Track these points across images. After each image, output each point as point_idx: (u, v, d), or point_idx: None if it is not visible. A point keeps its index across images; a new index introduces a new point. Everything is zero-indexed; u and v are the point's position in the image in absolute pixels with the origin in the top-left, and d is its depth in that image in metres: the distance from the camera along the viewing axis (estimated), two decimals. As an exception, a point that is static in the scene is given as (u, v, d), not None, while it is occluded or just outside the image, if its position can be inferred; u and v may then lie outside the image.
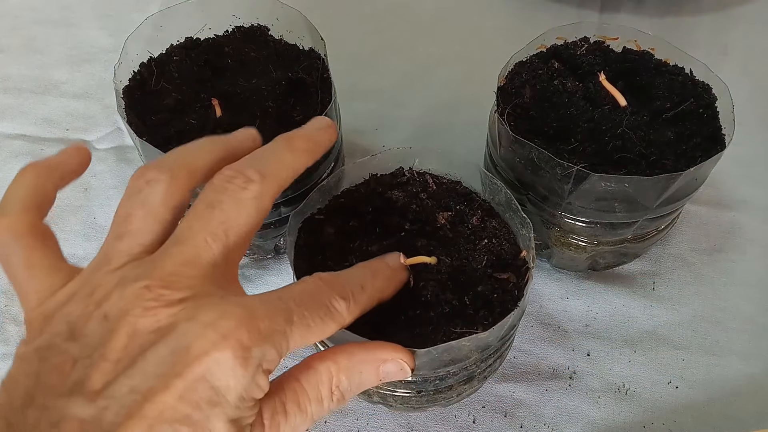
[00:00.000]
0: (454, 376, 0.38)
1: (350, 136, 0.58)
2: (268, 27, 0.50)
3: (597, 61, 0.47)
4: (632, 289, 0.50)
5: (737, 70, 0.64)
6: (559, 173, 0.41)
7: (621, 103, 0.44)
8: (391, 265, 0.36)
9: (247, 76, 0.47)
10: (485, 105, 0.49)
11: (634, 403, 0.45)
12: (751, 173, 0.56)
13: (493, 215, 0.42)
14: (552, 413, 0.44)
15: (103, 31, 0.69)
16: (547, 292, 0.50)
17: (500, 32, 0.68)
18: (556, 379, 0.46)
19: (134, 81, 0.47)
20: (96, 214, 0.55)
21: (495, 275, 0.39)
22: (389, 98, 0.63)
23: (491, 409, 0.45)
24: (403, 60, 0.66)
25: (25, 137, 0.60)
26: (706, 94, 0.46)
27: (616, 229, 0.45)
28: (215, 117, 0.44)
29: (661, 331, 0.48)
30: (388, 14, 0.71)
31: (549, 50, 0.49)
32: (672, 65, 0.48)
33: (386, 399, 0.41)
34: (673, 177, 0.40)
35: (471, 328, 0.36)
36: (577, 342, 0.48)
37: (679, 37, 0.67)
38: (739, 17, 0.69)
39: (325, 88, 0.46)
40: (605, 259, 0.49)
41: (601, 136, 0.43)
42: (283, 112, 0.45)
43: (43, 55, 0.67)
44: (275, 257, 0.52)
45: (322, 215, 0.42)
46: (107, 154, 0.59)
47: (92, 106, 0.62)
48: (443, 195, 0.43)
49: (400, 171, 0.44)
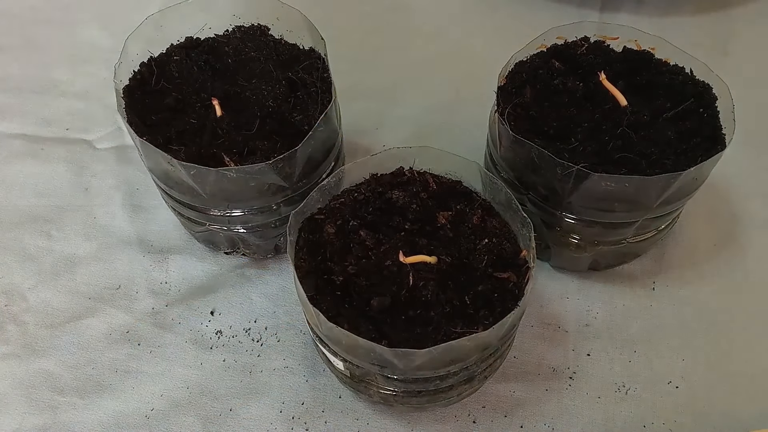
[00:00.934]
0: (454, 376, 0.38)
1: (350, 135, 0.58)
2: (268, 27, 0.50)
3: (597, 61, 0.47)
4: (632, 288, 0.50)
5: (737, 69, 0.63)
6: (560, 173, 0.41)
7: (621, 103, 0.44)
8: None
9: (247, 76, 0.47)
10: (485, 104, 0.49)
11: (634, 403, 0.45)
12: (751, 173, 0.56)
13: (493, 215, 0.42)
14: (552, 413, 0.44)
15: (104, 31, 0.69)
16: (548, 292, 0.50)
17: (500, 32, 0.68)
18: (557, 379, 0.46)
19: (134, 80, 0.47)
20: (96, 214, 0.55)
21: (495, 275, 0.39)
22: (389, 98, 0.63)
23: (491, 409, 0.45)
24: (404, 59, 0.66)
25: (25, 137, 0.60)
26: (706, 93, 0.46)
27: (616, 229, 0.45)
28: (215, 116, 0.44)
29: (662, 331, 0.48)
30: (388, 13, 0.71)
31: (549, 50, 0.48)
32: (672, 65, 0.48)
33: (387, 399, 0.41)
34: (673, 177, 0.40)
35: (471, 327, 0.36)
36: (578, 342, 0.48)
37: (680, 36, 0.66)
38: (740, 17, 0.69)
39: (326, 87, 0.46)
40: (605, 258, 0.49)
41: (602, 136, 0.43)
42: (283, 112, 0.45)
43: (44, 55, 0.67)
44: (275, 257, 0.52)
45: (323, 215, 0.42)
46: (107, 153, 0.59)
47: (92, 105, 0.62)
48: (444, 194, 0.43)
49: (400, 171, 0.44)
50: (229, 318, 0.49)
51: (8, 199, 0.56)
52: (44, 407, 0.45)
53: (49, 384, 0.46)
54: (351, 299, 0.38)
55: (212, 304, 0.50)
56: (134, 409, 0.45)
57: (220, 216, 0.46)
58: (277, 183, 0.43)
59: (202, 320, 0.49)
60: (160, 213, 0.54)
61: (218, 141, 0.43)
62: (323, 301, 0.37)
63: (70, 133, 0.60)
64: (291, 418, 0.44)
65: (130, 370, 0.47)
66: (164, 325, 0.49)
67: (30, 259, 0.52)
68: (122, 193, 0.56)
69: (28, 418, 0.45)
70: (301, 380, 0.46)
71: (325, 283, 0.38)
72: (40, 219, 0.54)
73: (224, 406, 0.45)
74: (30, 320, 0.49)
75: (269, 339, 0.48)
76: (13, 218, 0.54)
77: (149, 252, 0.52)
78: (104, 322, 0.49)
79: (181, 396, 0.45)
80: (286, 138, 0.43)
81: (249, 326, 0.49)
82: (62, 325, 0.49)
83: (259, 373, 0.46)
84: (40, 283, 0.51)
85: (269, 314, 0.49)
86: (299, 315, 0.49)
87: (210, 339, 0.48)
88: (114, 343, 0.48)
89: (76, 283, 0.51)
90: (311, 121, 0.44)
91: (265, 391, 0.46)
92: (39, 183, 0.57)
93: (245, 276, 0.51)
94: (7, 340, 0.48)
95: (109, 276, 0.51)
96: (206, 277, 0.51)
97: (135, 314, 0.49)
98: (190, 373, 0.46)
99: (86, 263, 0.52)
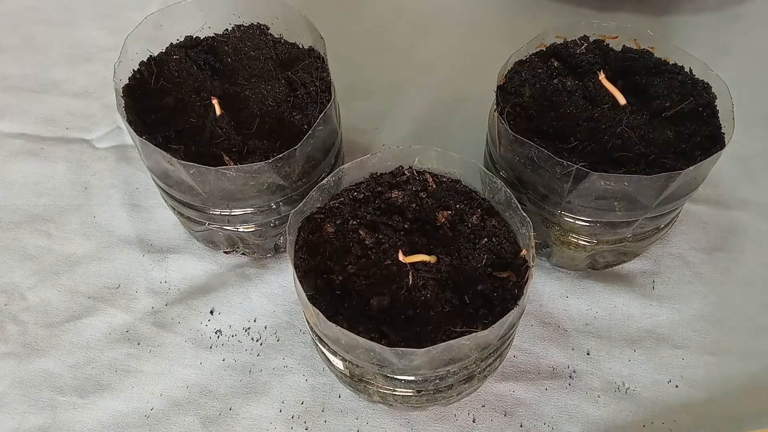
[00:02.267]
0: (454, 375, 0.38)
1: (350, 134, 0.58)
2: (267, 26, 0.50)
3: (596, 60, 0.47)
4: (632, 288, 0.50)
5: (737, 68, 0.64)
6: (559, 172, 0.41)
7: (620, 102, 0.44)
8: None
9: (247, 75, 0.47)
10: (485, 104, 0.49)
11: (634, 403, 0.45)
12: (750, 172, 0.56)
13: (492, 214, 0.42)
14: (552, 412, 0.44)
15: (103, 30, 0.69)
16: (547, 291, 0.50)
17: (500, 31, 0.68)
18: (556, 379, 0.46)
19: (134, 80, 0.47)
20: (95, 213, 0.55)
21: (495, 274, 0.39)
22: (389, 97, 0.63)
23: (491, 408, 0.45)
24: (403, 58, 0.66)
25: (25, 136, 0.60)
26: (705, 92, 0.46)
27: (615, 228, 0.45)
28: (215, 116, 0.44)
29: (661, 330, 0.48)
30: (387, 13, 0.71)
31: (548, 49, 0.49)
32: (672, 64, 0.48)
33: (386, 398, 0.41)
34: (672, 176, 0.40)
35: (471, 326, 0.36)
36: (577, 341, 0.48)
37: (679, 35, 0.67)
38: (739, 16, 0.69)
39: (325, 86, 0.46)
40: (605, 258, 0.49)
41: (601, 135, 0.43)
42: (282, 111, 0.45)
43: (43, 55, 0.67)
44: (275, 256, 0.52)
45: (322, 214, 0.42)
46: (107, 153, 0.59)
47: (92, 105, 0.62)
48: (443, 194, 0.43)
49: (399, 170, 0.44)
50: (228, 317, 0.49)
51: (8, 199, 0.56)
52: (44, 407, 0.45)
53: (48, 383, 0.46)
54: (350, 298, 0.38)
55: (212, 303, 0.50)
56: (134, 408, 0.45)
57: (219, 215, 0.46)
58: (277, 182, 0.43)
59: (201, 320, 0.49)
60: (160, 212, 0.54)
61: (218, 140, 0.43)
62: (323, 300, 0.37)
63: (70, 132, 0.60)
64: (290, 418, 0.44)
65: (129, 369, 0.47)
66: (164, 324, 0.49)
67: (29, 259, 0.52)
68: (122, 193, 0.56)
69: (27, 418, 0.45)
70: (301, 380, 0.46)
71: (324, 283, 0.38)
72: (39, 218, 0.54)
73: (224, 406, 0.45)
74: (29, 319, 0.49)
75: (269, 338, 0.48)
76: (12, 217, 0.54)
77: (149, 251, 0.52)
78: (104, 322, 0.49)
79: (180, 395, 0.45)
80: (285, 137, 0.43)
81: (248, 325, 0.49)
82: (62, 325, 0.49)
83: (259, 373, 0.46)
84: (39, 283, 0.51)
85: (269, 313, 0.49)
86: (299, 314, 0.49)
87: (209, 338, 0.48)
88: (113, 342, 0.48)
89: (75, 282, 0.51)
90: (311, 120, 0.44)
91: (265, 391, 0.46)
92: (39, 182, 0.57)
93: (245, 275, 0.51)
94: (7, 339, 0.48)
95: (108, 275, 0.51)
96: (206, 276, 0.51)
97: (134, 313, 0.49)
98: (189, 372, 0.46)
99: (86, 262, 0.52)
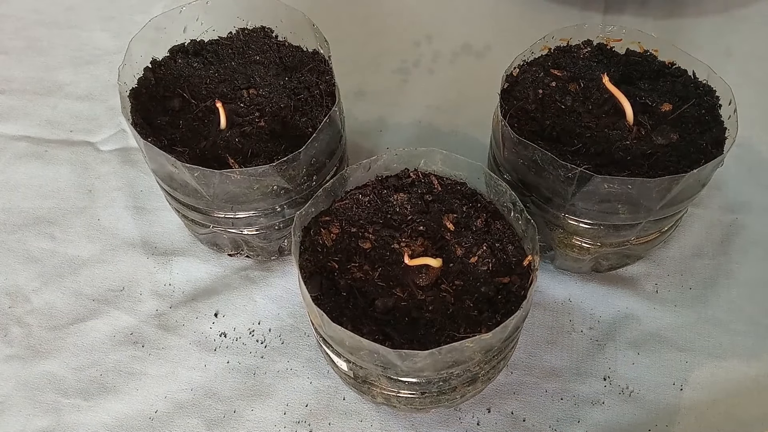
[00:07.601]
0: (457, 378, 0.38)
1: (354, 137, 0.58)
2: (271, 29, 0.50)
3: (600, 63, 0.47)
4: (635, 291, 0.50)
5: (741, 72, 0.63)
6: (563, 175, 0.41)
7: (624, 105, 0.44)
8: None
9: (251, 78, 0.47)
10: (489, 106, 0.49)
11: (638, 405, 0.45)
12: (754, 175, 0.56)
13: (497, 217, 0.42)
14: (556, 415, 0.44)
15: (107, 33, 0.69)
16: (551, 294, 0.50)
17: (503, 34, 0.68)
18: (560, 381, 0.46)
19: (138, 83, 0.47)
20: (100, 216, 0.55)
21: (499, 277, 0.39)
22: (393, 100, 0.63)
23: (495, 411, 0.45)
24: (407, 61, 0.66)
25: (29, 139, 0.60)
26: (709, 96, 0.46)
27: (619, 231, 0.45)
28: (219, 119, 0.44)
29: (665, 333, 0.48)
30: (391, 16, 0.71)
31: (552, 52, 0.49)
32: (675, 67, 0.48)
33: (390, 400, 0.41)
34: (676, 179, 0.40)
35: (475, 329, 0.36)
36: (581, 344, 0.47)
37: (683, 38, 0.67)
38: (743, 19, 0.69)
39: (329, 89, 0.46)
40: (608, 260, 0.49)
41: (604, 138, 0.43)
42: (287, 114, 0.45)
43: (47, 57, 0.67)
44: (279, 259, 0.52)
45: (327, 216, 0.42)
46: (111, 155, 0.59)
47: (96, 107, 0.62)
48: (448, 196, 0.43)
49: (405, 172, 0.44)
50: (233, 320, 0.49)
51: (12, 201, 0.56)
52: (48, 409, 0.45)
53: (52, 386, 0.46)
54: (355, 300, 0.38)
55: (216, 306, 0.50)
56: (138, 411, 0.45)
57: (224, 218, 0.46)
58: (281, 185, 0.43)
59: (205, 322, 0.49)
60: (164, 215, 0.54)
61: (222, 143, 0.43)
62: (327, 302, 0.37)
63: (74, 135, 0.60)
64: (295, 421, 0.44)
65: (133, 372, 0.47)
66: (168, 327, 0.49)
67: (34, 261, 0.52)
68: (126, 195, 0.56)
69: (32, 420, 0.45)
70: (305, 382, 0.46)
71: (329, 284, 0.38)
72: (43, 221, 0.54)
73: (228, 408, 0.45)
74: (34, 322, 0.49)
75: (273, 341, 0.48)
76: (17, 220, 0.55)
77: (153, 254, 0.52)
78: (108, 324, 0.49)
79: (184, 398, 0.46)
80: (290, 140, 0.43)
81: (253, 328, 0.49)
82: (66, 327, 0.49)
83: (263, 375, 0.46)
84: (43, 285, 0.51)
85: (273, 316, 0.49)
86: (303, 317, 0.49)
87: (214, 341, 0.48)
88: (118, 345, 0.48)
89: (79, 285, 0.51)
90: (315, 123, 0.44)
91: (269, 393, 0.46)
92: (43, 185, 0.57)
93: (249, 278, 0.51)
94: (11, 341, 0.48)
95: (112, 278, 0.51)
96: (210, 279, 0.51)
97: (139, 316, 0.49)
98: (193, 375, 0.47)
99: (90, 265, 0.52)
